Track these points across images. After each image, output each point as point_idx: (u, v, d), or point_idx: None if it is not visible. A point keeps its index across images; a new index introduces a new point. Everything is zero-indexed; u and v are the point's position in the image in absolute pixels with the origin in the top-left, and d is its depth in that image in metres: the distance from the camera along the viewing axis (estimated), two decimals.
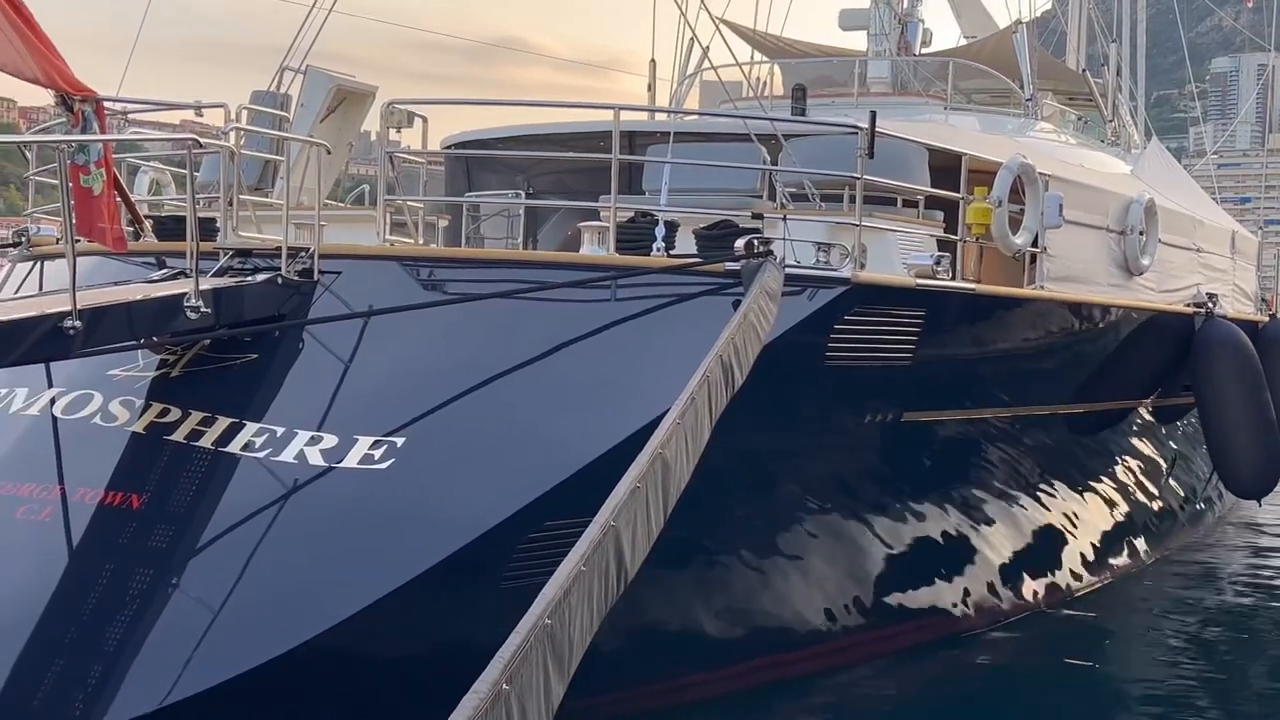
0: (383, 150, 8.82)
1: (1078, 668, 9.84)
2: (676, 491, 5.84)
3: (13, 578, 6.40)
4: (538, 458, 6.94)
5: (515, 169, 11.82)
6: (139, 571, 6.26)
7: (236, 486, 6.65)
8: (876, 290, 8.32)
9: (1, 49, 6.75)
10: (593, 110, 9.98)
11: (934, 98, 14.13)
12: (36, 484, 6.77)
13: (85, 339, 6.44)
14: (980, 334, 9.70)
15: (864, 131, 8.29)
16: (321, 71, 10.40)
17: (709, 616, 8.28)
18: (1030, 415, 10.87)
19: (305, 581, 6.35)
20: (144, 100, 9.25)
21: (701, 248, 8.06)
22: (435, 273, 8.09)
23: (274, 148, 9.22)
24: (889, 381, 8.73)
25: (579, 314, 7.63)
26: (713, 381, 6.45)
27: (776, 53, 16.11)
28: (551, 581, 4.61)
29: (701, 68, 14.30)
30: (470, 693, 3.91)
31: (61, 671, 5.92)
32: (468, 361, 7.39)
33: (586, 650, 4.77)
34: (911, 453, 9.44)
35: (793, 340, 7.74)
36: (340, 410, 7.06)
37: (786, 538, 8.66)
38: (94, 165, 6.92)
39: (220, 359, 7.29)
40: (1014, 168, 9.75)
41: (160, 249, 8.27)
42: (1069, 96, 16.37)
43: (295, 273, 7.70)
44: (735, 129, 9.23)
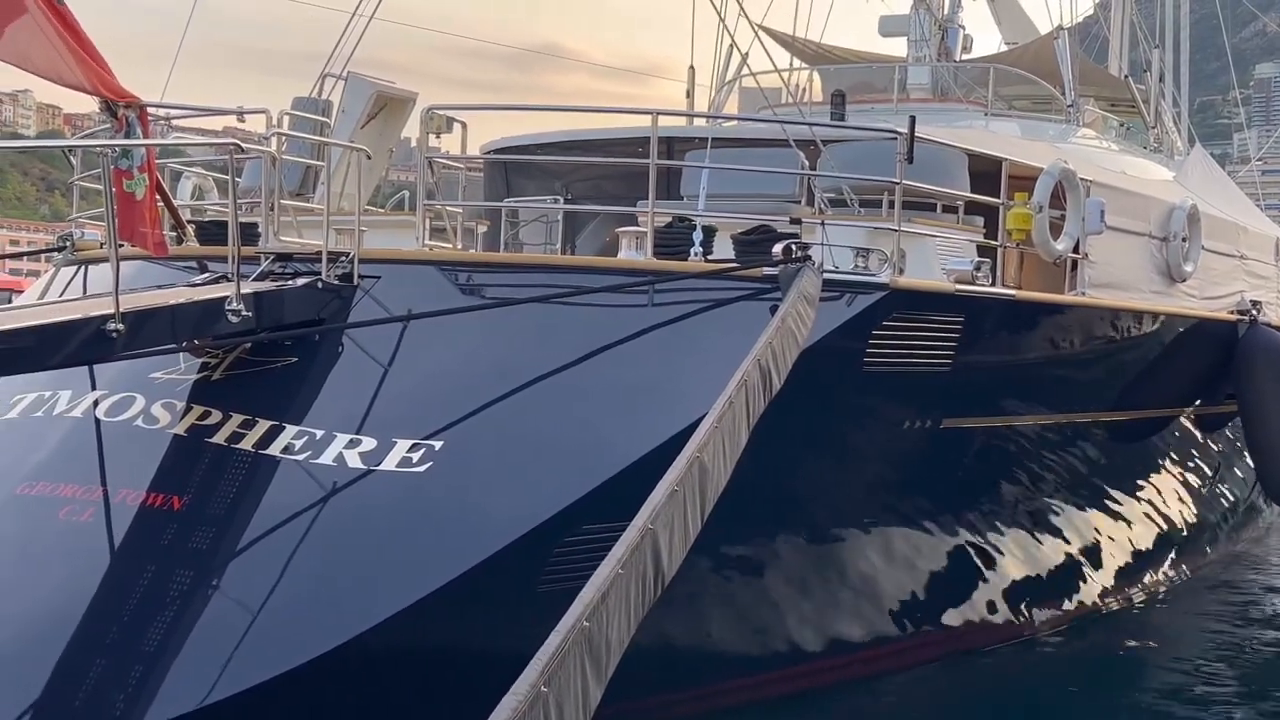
0: (422, 156, 8.86)
1: (1119, 678, 9.75)
2: (714, 496, 5.83)
3: (55, 578, 6.45)
4: (575, 461, 6.94)
5: (553, 174, 11.85)
6: (179, 572, 6.31)
7: (276, 489, 6.68)
8: (915, 296, 8.28)
9: (47, 56, 6.83)
10: (631, 116, 9.98)
11: (974, 104, 14.06)
12: (79, 485, 6.83)
13: (128, 342, 6.50)
14: (1020, 340, 9.64)
15: (903, 136, 8.26)
16: (362, 78, 10.46)
17: (743, 622, 8.26)
18: (1071, 423, 10.78)
19: (343, 583, 6.38)
20: (187, 106, 9.33)
21: (739, 253, 8.05)
22: (474, 277, 8.12)
23: (315, 153, 9.28)
24: (928, 388, 8.68)
25: (617, 319, 7.64)
26: (750, 386, 6.43)
27: (816, 59, 16.07)
28: (589, 584, 4.61)
29: (740, 74, 14.31)
30: (509, 694, 3.91)
31: (102, 671, 5.97)
32: (506, 365, 7.41)
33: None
34: (950, 459, 9.38)
35: (831, 345, 7.71)
36: (379, 413, 7.10)
37: (823, 544, 8.62)
38: (137, 170, 6.98)
39: (261, 362, 7.34)
40: (1055, 173, 9.68)
41: (202, 253, 8.34)
42: (1111, 102, 16.24)
43: (335, 277, 7.75)
44: (774, 134, 9.22)
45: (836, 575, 8.76)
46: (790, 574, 8.44)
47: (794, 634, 8.54)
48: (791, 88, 14.10)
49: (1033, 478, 10.58)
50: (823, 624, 8.70)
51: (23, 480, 6.96)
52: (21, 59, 7.00)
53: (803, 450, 7.96)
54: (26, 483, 6.93)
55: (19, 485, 6.94)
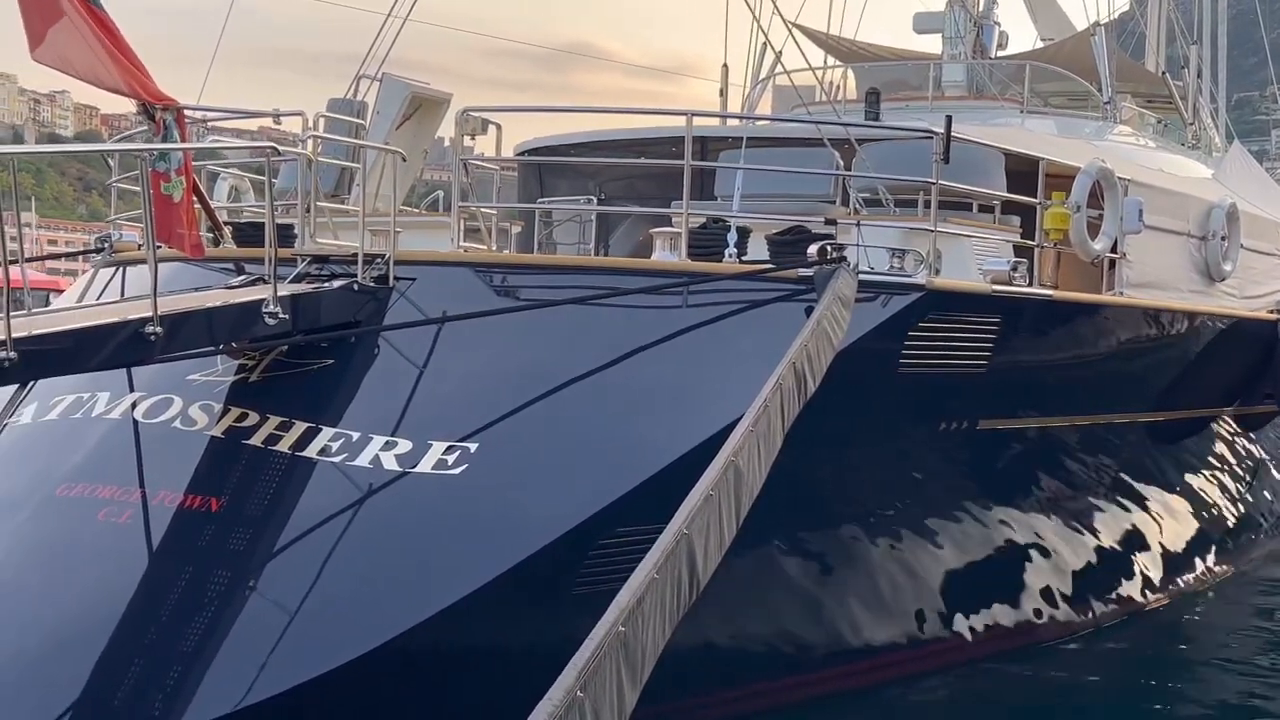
0: (457, 157, 8.88)
1: (1154, 681, 9.67)
2: (749, 500, 5.81)
3: (93, 579, 6.49)
4: (610, 464, 6.94)
5: (587, 175, 11.86)
6: (217, 573, 6.34)
7: (313, 490, 6.71)
8: (952, 297, 8.24)
9: (86, 59, 6.89)
10: (665, 116, 9.98)
11: (1010, 101, 13.98)
12: (117, 487, 6.87)
13: (166, 344, 6.54)
14: (1057, 341, 9.57)
15: (939, 136, 8.21)
16: (397, 79, 10.48)
17: (778, 625, 8.23)
18: (1108, 423, 10.71)
19: (380, 585, 6.39)
20: (223, 109, 9.38)
21: (774, 254, 8.03)
22: (508, 279, 8.13)
23: (351, 155, 9.31)
24: (964, 389, 8.63)
25: (651, 320, 7.63)
26: (785, 389, 6.41)
27: (850, 57, 16.02)
28: (625, 589, 4.61)
29: (774, 72, 14.27)
30: (545, 699, 3.92)
31: (141, 672, 6.01)
32: (540, 367, 7.41)
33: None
34: (987, 461, 9.33)
35: (866, 347, 7.68)
36: (414, 415, 7.11)
37: (859, 546, 8.59)
38: (174, 173, 7.02)
39: (297, 364, 7.37)
40: (1093, 172, 9.62)
41: (239, 255, 8.38)
42: (1148, 99, 16.11)
43: (371, 279, 7.77)
44: (808, 134, 9.19)
45: (873, 577, 8.72)
46: (826, 576, 8.41)
47: (829, 636, 8.51)
48: (826, 86, 14.05)
49: (1070, 479, 10.51)
50: (858, 626, 8.66)
51: (62, 481, 7.01)
52: (62, 62, 7.06)
53: (838, 453, 7.93)
54: (65, 484, 6.98)
55: (58, 486, 6.99)
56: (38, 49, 7.03)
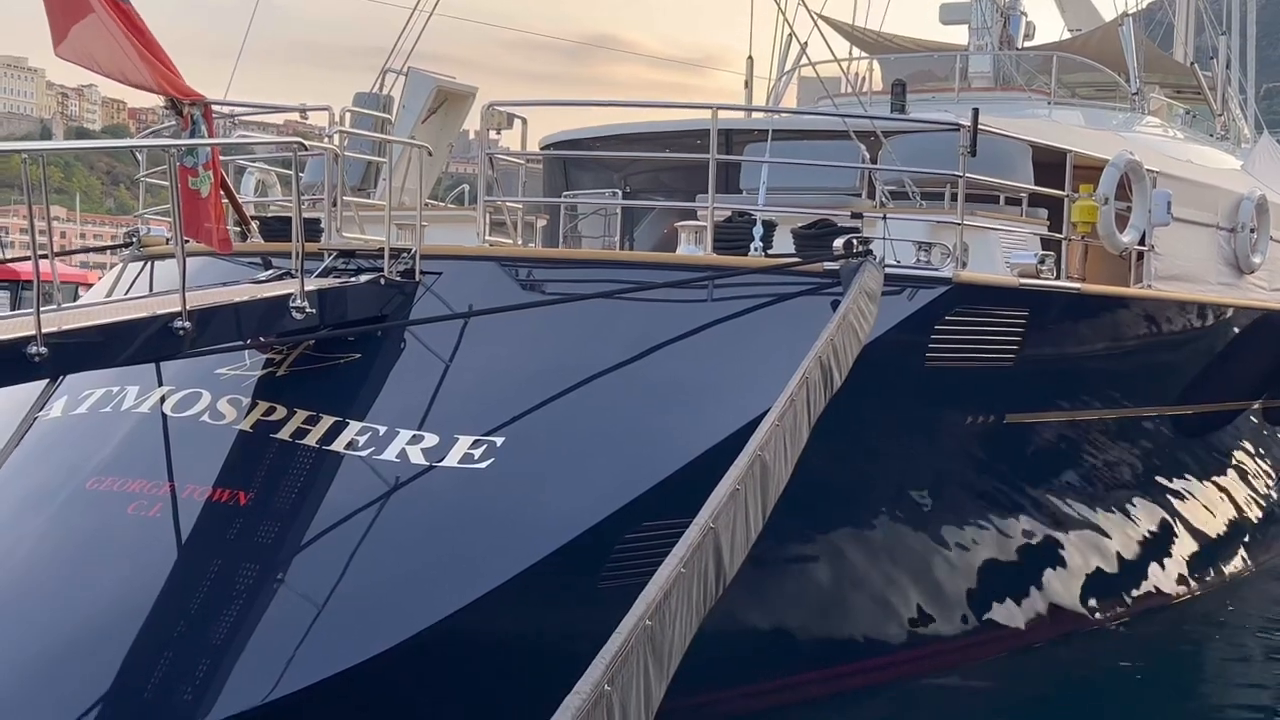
0: (483, 151, 8.88)
1: (1185, 670, 9.64)
2: (775, 494, 5.81)
3: (123, 572, 6.54)
4: (636, 458, 6.94)
5: (612, 169, 11.84)
6: (245, 567, 6.38)
7: (340, 484, 6.73)
8: (979, 290, 8.21)
9: (112, 55, 6.92)
10: (690, 109, 9.96)
11: (1037, 92, 13.89)
12: (147, 480, 6.91)
13: (194, 339, 6.58)
14: (1085, 334, 9.53)
15: (966, 128, 8.17)
16: (423, 73, 10.51)
17: (803, 619, 8.23)
18: (1136, 417, 10.65)
19: (406, 579, 6.41)
20: (250, 103, 9.41)
21: (800, 247, 8.01)
22: (534, 273, 8.14)
23: (377, 149, 9.33)
24: (991, 383, 8.60)
25: (676, 314, 7.62)
26: (811, 383, 6.40)
27: (876, 48, 15.95)
28: (652, 583, 4.61)
29: (799, 64, 14.21)
30: (573, 693, 3.93)
31: (170, 664, 6.05)
32: (566, 361, 7.41)
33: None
34: (1014, 455, 9.29)
35: (893, 341, 7.66)
36: (441, 409, 7.13)
37: (886, 540, 8.57)
38: (202, 168, 7.06)
39: (325, 358, 7.40)
40: (1121, 164, 9.56)
41: (266, 249, 8.41)
42: (1176, 90, 15.98)
43: (397, 273, 7.79)
44: (834, 126, 9.16)
45: (899, 571, 8.70)
46: (852, 570, 8.40)
47: (856, 630, 8.51)
48: (851, 78, 14.00)
49: (1097, 473, 10.47)
50: (886, 620, 8.66)
51: (92, 475, 7.06)
52: (87, 58, 7.10)
53: (865, 447, 7.92)
54: (95, 477, 7.03)
55: (88, 480, 7.04)
56: (61, 44, 7.07)
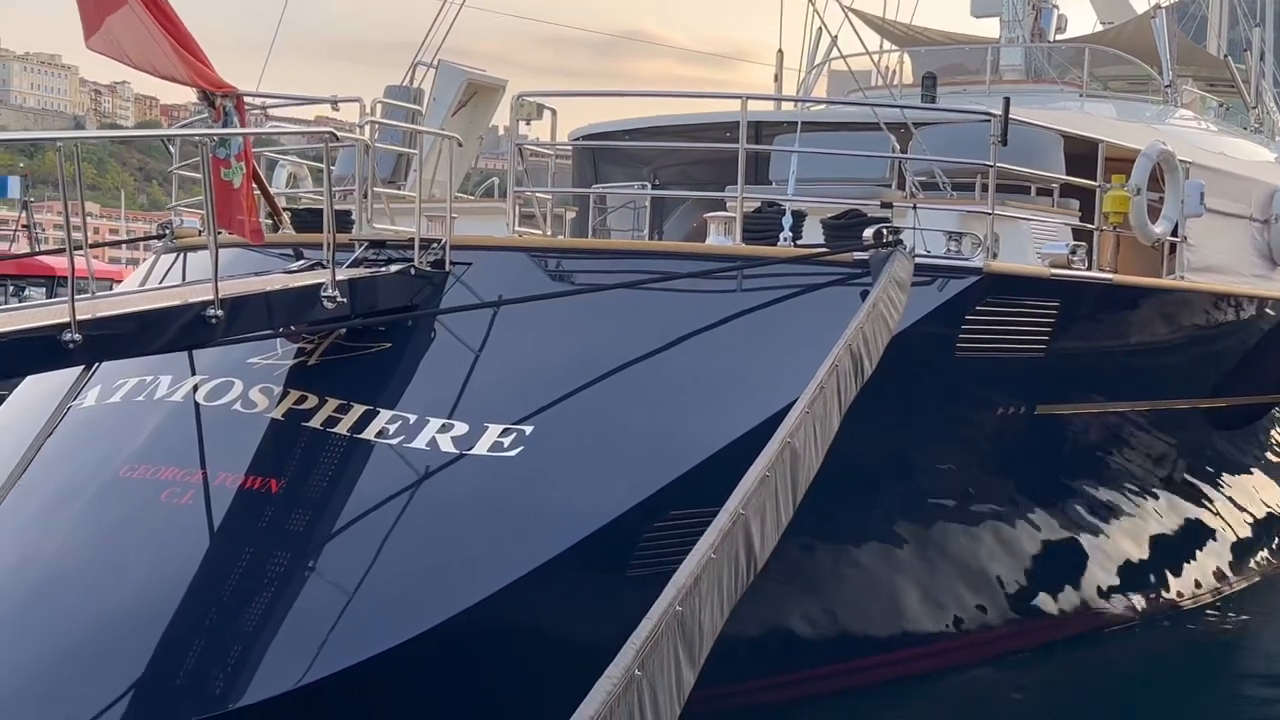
0: (513, 143, 8.90)
1: (1216, 665, 9.58)
2: (805, 481, 5.81)
3: (156, 559, 6.59)
4: (665, 446, 6.95)
5: (641, 160, 11.84)
6: (277, 554, 6.42)
7: (371, 472, 6.77)
8: (1009, 280, 8.18)
9: (142, 49, 6.97)
10: (719, 100, 9.96)
11: (1069, 85, 13.80)
12: (179, 468, 6.96)
13: (227, 328, 6.62)
14: (1117, 325, 9.48)
15: (997, 118, 8.14)
16: (453, 66, 10.53)
17: (834, 610, 8.22)
18: (1168, 409, 10.59)
19: (436, 566, 6.45)
20: (282, 95, 9.45)
21: (829, 237, 8.00)
22: (563, 263, 8.16)
23: (407, 141, 9.36)
24: (1022, 373, 8.57)
25: (706, 304, 7.63)
26: (841, 371, 6.40)
27: (906, 41, 15.89)
28: (682, 569, 4.62)
29: (830, 57, 14.18)
30: (604, 677, 3.94)
31: (203, 651, 6.09)
32: (595, 350, 7.43)
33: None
34: (1044, 446, 9.25)
35: (923, 331, 7.64)
36: (470, 398, 7.15)
37: (914, 531, 8.55)
38: (234, 159, 7.09)
39: (355, 347, 7.43)
40: (1153, 155, 9.50)
41: (297, 240, 8.46)
42: (1209, 82, 15.86)
43: (427, 263, 7.82)
44: (864, 117, 9.14)
45: (928, 563, 8.68)
46: (882, 561, 8.39)
47: (885, 622, 8.49)
48: (881, 70, 13.95)
49: (1128, 465, 10.41)
50: (915, 612, 8.64)
51: (125, 463, 7.11)
52: (116, 50, 7.15)
53: (894, 436, 7.90)
54: (129, 465, 7.08)
55: (121, 468, 7.09)
56: (92, 37, 7.12)
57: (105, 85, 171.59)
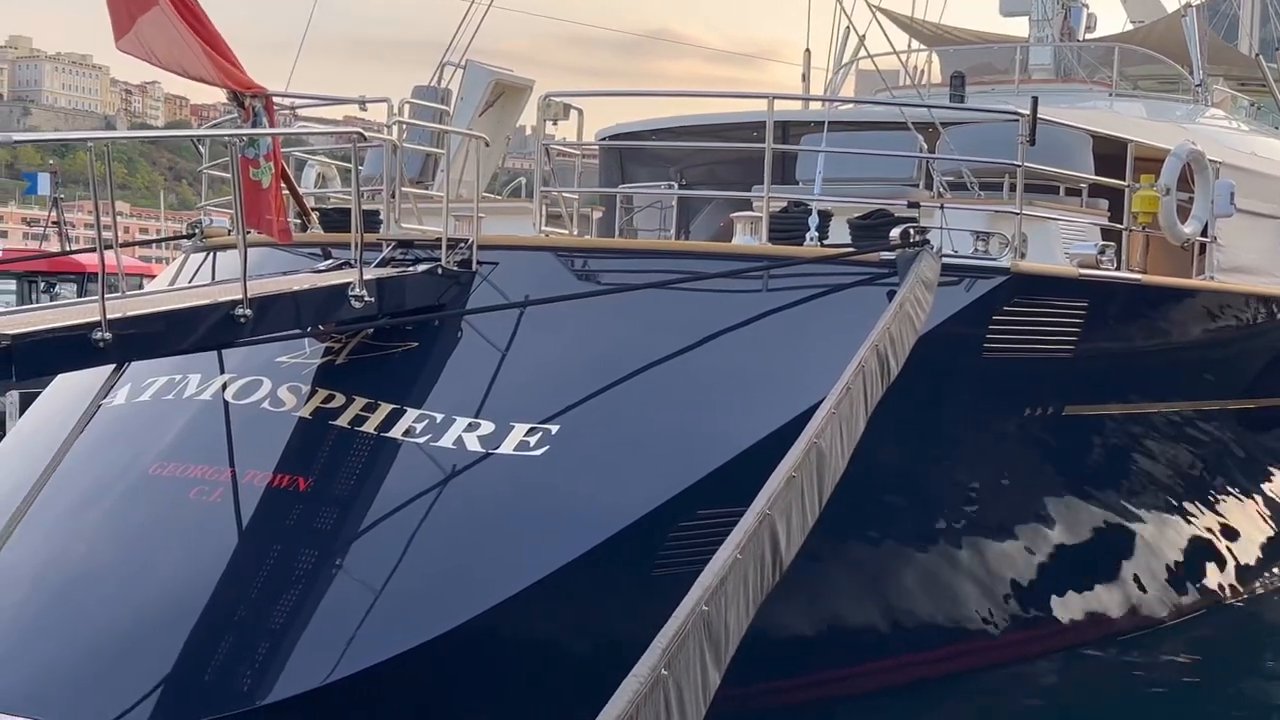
0: (540, 143, 8.92)
1: (1243, 669, 9.52)
2: (832, 482, 5.80)
3: (185, 556, 6.63)
4: (691, 446, 6.95)
5: (667, 160, 11.85)
6: (305, 552, 6.45)
7: (398, 471, 6.80)
8: (1037, 280, 8.15)
9: (171, 50, 7.01)
10: (746, 100, 9.95)
11: (1099, 84, 13.74)
12: (209, 466, 7.01)
13: (255, 327, 6.66)
14: (1146, 326, 9.43)
15: (1025, 118, 8.11)
16: (481, 66, 10.54)
17: (861, 611, 8.21)
18: (1197, 410, 10.53)
19: (462, 565, 6.47)
20: (311, 95, 9.49)
21: (856, 237, 7.98)
22: (589, 263, 8.17)
23: (435, 141, 9.39)
24: (1050, 374, 8.54)
25: (732, 304, 7.62)
26: (868, 372, 6.39)
27: (934, 40, 15.84)
28: (708, 569, 4.62)
29: (857, 56, 14.16)
30: (630, 677, 3.94)
31: (231, 647, 6.13)
32: (621, 350, 7.44)
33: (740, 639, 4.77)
34: (1073, 447, 9.21)
35: (950, 331, 7.62)
36: (497, 397, 7.18)
37: (943, 532, 8.53)
38: (263, 159, 7.13)
39: (383, 347, 7.47)
40: (1183, 154, 9.45)
41: (325, 240, 8.50)
42: (1240, 82, 15.75)
43: (455, 263, 7.85)
44: (891, 116, 9.11)
45: (954, 564, 8.65)
46: (903, 562, 8.37)
47: (906, 624, 8.46)
48: (909, 70, 13.91)
49: (1157, 467, 10.36)
50: (939, 613, 8.61)
51: (155, 461, 7.16)
52: (145, 52, 7.19)
53: (921, 437, 7.88)
54: (158, 463, 7.13)
55: (151, 466, 7.14)
56: (122, 39, 7.16)
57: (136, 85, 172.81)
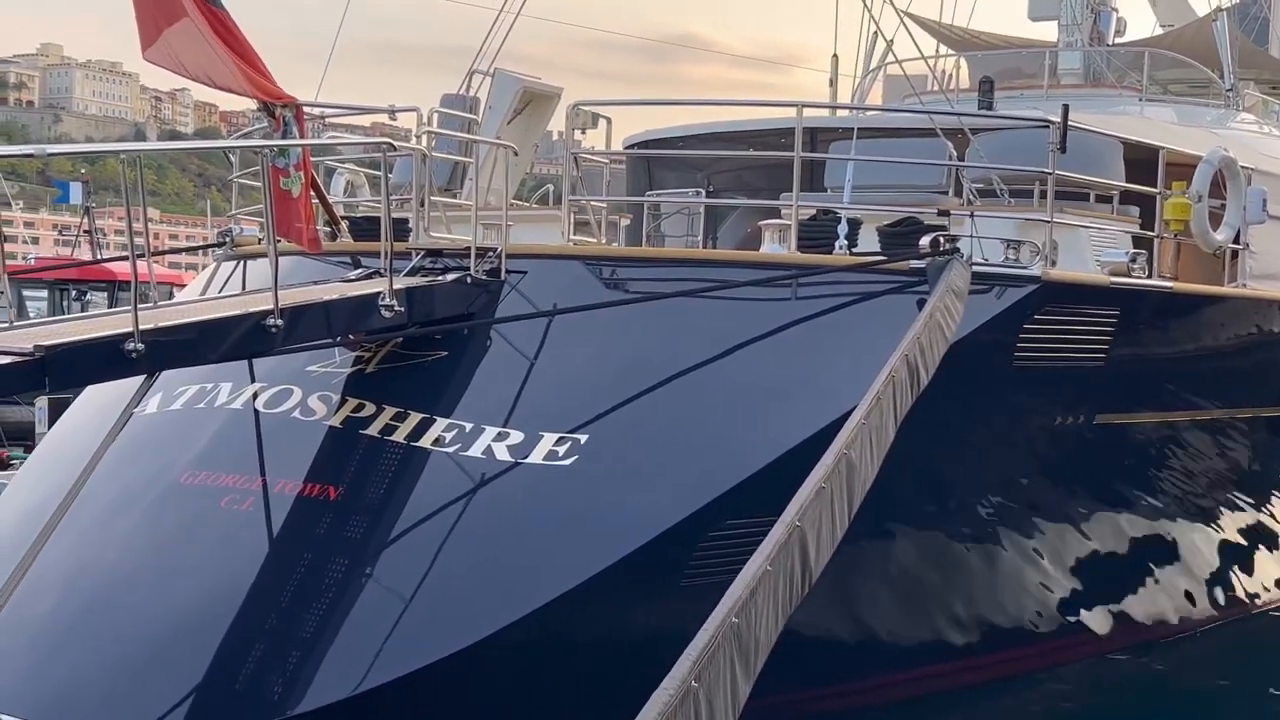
0: (568, 151, 8.93)
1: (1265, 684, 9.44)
2: (861, 493, 5.79)
3: (216, 565, 6.67)
4: (719, 456, 6.94)
5: (695, 167, 11.84)
6: (335, 561, 6.47)
7: (427, 480, 6.81)
8: (1068, 288, 8.11)
9: (199, 60, 7.05)
10: (775, 108, 9.94)
11: (1128, 89, 13.66)
12: (240, 475, 7.04)
13: (285, 336, 6.68)
14: (1178, 334, 9.37)
15: (1056, 125, 8.07)
16: (509, 74, 10.56)
17: (891, 619, 8.17)
18: (1229, 418, 10.45)
19: (491, 575, 6.47)
20: (341, 105, 9.54)
21: (885, 245, 7.96)
22: (618, 272, 8.17)
23: (463, 149, 9.41)
24: (1081, 383, 8.49)
25: (760, 313, 7.61)
26: (898, 381, 6.37)
27: (963, 45, 15.78)
28: (738, 581, 4.62)
29: (885, 61, 14.11)
30: (660, 689, 3.94)
31: (261, 656, 6.16)
32: (650, 359, 7.43)
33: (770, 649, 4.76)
34: (1104, 456, 9.16)
35: (980, 340, 7.58)
36: (526, 406, 7.18)
37: (971, 542, 8.49)
38: (293, 168, 7.16)
39: (412, 356, 7.48)
40: (1215, 161, 9.39)
41: (355, 249, 8.53)
42: (1272, 86, 15.64)
43: (483, 272, 7.86)
44: (921, 124, 9.09)
45: (985, 573, 8.61)
46: (938, 571, 8.33)
47: (942, 632, 8.43)
48: (938, 75, 13.86)
49: (1189, 475, 10.29)
50: (972, 622, 8.57)
51: (186, 469, 7.20)
52: (173, 62, 7.23)
53: (951, 447, 7.84)
54: (189, 472, 7.17)
55: (182, 474, 7.18)
56: (150, 49, 7.20)
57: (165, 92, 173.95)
